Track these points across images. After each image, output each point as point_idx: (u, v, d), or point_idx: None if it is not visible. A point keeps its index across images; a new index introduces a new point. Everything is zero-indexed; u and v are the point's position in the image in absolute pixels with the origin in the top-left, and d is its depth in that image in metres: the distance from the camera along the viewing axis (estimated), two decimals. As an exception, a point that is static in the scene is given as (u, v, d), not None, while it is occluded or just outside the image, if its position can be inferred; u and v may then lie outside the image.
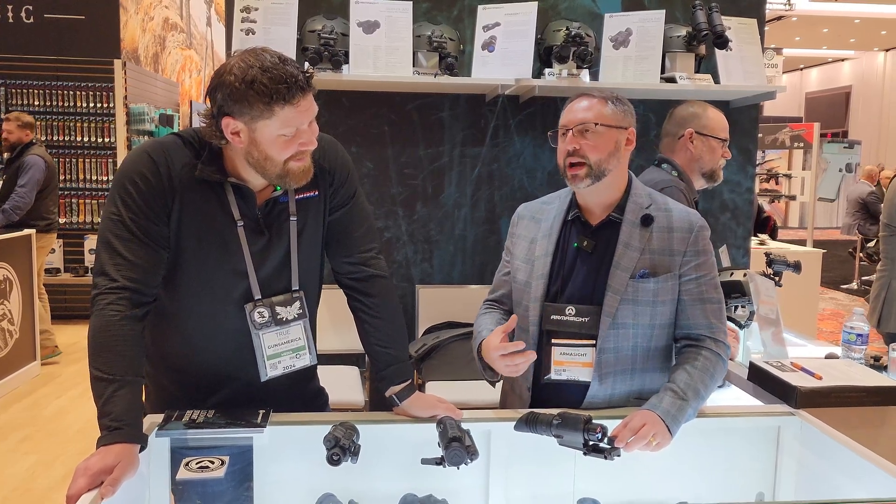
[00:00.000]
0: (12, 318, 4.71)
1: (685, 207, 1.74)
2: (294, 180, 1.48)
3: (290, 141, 1.43)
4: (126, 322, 1.42)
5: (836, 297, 8.58)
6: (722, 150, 2.25)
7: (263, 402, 1.60)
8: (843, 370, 1.89)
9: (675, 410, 1.53)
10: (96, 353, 1.40)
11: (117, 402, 1.36)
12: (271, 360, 1.57)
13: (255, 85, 1.36)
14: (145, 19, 7.62)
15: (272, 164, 1.44)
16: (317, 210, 1.61)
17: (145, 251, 1.46)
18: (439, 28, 2.84)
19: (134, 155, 1.49)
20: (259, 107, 1.38)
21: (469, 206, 3.10)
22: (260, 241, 1.54)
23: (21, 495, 3.22)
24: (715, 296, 1.68)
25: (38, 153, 5.11)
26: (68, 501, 1.26)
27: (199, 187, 1.49)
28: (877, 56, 18.05)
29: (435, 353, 2.82)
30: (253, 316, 1.55)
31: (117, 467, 1.29)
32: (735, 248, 3.16)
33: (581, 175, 1.64)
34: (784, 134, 9.37)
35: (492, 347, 1.58)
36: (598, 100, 1.67)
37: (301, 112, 1.41)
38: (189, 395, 1.61)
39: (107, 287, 1.43)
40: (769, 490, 1.68)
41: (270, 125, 1.40)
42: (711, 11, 2.83)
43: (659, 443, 1.47)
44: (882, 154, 16.96)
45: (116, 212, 1.45)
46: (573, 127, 1.66)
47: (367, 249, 1.69)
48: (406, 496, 1.52)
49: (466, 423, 1.52)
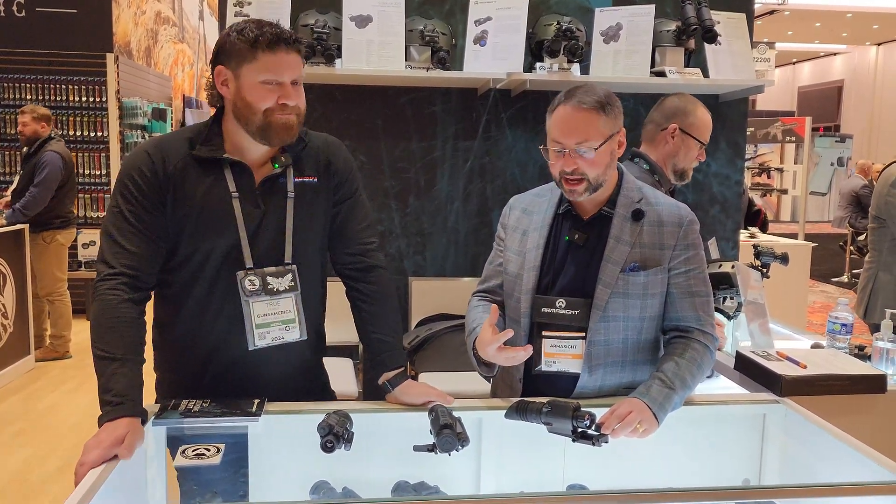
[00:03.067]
0: (6, 312, 4.71)
1: (675, 202, 1.75)
2: (276, 135, 1.55)
3: (271, 90, 1.52)
4: (125, 305, 1.51)
5: (827, 290, 8.65)
6: (698, 153, 2.25)
7: (265, 387, 1.64)
8: (828, 359, 1.93)
9: (662, 398, 1.55)
10: (98, 334, 1.49)
11: (119, 380, 1.44)
12: (260, 330, 1.61)
13: (245, 32, 1.51)
14: (137, 13, 7.60)
15: (252, 113, 1.53)
16: (315, 196, 1.67)
17: (142, 241, 1.55)
18: (431, 22, 2.86)
19: (134, 153, 1.60)
20: (244, 51, 1.51)
21: (461, 199, 3.12)
22: (255, 214, 1.60)
23: (16, 488, 3.24)
24: (703, 289, 1.70)
25: (55, 149, 4.94)
26: (81, 468, 1.31)
27: (197, 170, 1.58)
28: (869, 50, 18.12)
29: (428, 345, 2.85)
30: (244, 283, 1.59)
31: (128, 435, 1.37)
32: (724, 240, 3.19)
33: (580, 190, 1.64)
34: (776, 128, 9.41)
35: (486, 343, 1.59)
36: (591, 112, 1.60)
37: (281, 63, 1.52)
38: (193, 374, 1.65)
39: (106, 273, 1.53)
40: (754, 475, 1.72)
41: (252, 70, 1.51)
42: (700, 6, 2.86)
43: (645, 430, 1.50)
44: (873, 148, 17.04)
45: (116, 206, 1.56)
46: (569, 149, 1.61)
47: (367, 242, 1.75)
48: (399, 482, 1.54)
49: (458, 411, 1.54)
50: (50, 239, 5.02)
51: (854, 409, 1.72)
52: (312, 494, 1.51)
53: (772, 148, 9.51)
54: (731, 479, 1.72)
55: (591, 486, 1.56)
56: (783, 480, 1.69)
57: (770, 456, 1.71)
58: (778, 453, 1.70)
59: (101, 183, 6.46)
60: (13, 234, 4.79)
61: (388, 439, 1.62)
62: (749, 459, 1.72)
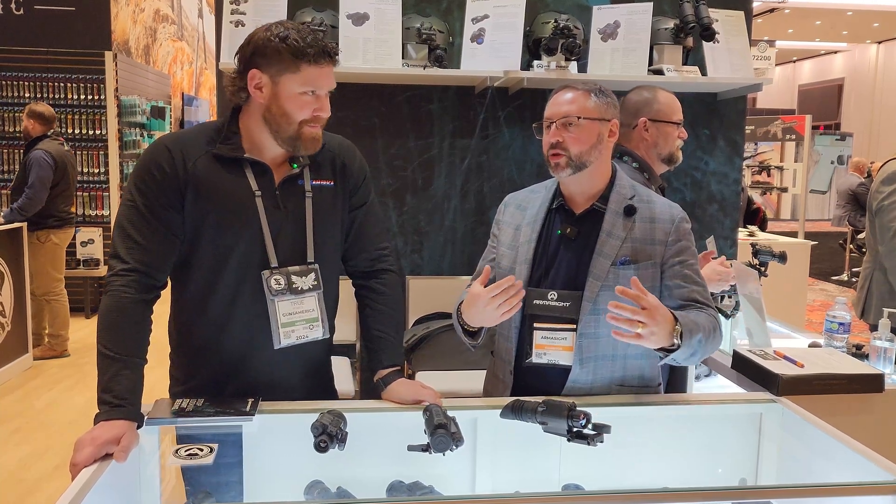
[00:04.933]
0: (4, 311, 4.71)
1: (667, 200, 1.78)
2: (304, 145, 1.57)
3: (308, 102, 1.53)
4: (136, 305, 1.51)
5: (827, 289, 8.64)
6: (678, 132, 2.23)
7: (278, 385, 1.64)
8: (825, 358, 1.93)
9: (689, 329, 1.54)
10: (105, 330, 1.49)
11: (121, 381, 1.43)
12: (285, 329, 1.61)
13: (289, 41, 1.50)
14: (136, 11, 7.59)
15: (287, 123, 1.54)
16: (333, 199, 1.68)
17: (157, 236, 1.54)
18: (428, 20, 2.85)
19: (152, 147, 1.59)
20: (288, 61, 1.50)
21: (458, 197, 3.11)
22: (276, 215, 1.60)
23: (12, 486, 3.24)
24: (699, 280, 1.72)
25: (44, 148, 4.88)
26: (74, 468, 1.30)
27: (217, 168, 1.57)
28: (869, 48, 18.10)
29: (425, 344, 2.84)
30: (270, 283, 1.59)
31: (124, 437, 1.36)
32: (722, 238, 3.18)
33: (562, 164, 1.67)
34: (776, 126, 9.40)
35: (479, 295, 1.57)
36: (582, 92, 1.70)
37: (323, 76, 1.54)
38: (215, 373, 1.64)
39: (119, 269, 1.52)
40: (751, 475, 1.71)
41: (294, 80, 1.51)
42: (698, 4, 2.85)
43: (644, 336, 1.48)
44: (874, 146, 17.03)
45: (132, 199, 1.55)
46: (556, 120, 1.69)
47: (382, 247, 1.79)
48: (393, 482, 1.54)
49: (453, 411, 1.54)
50: (45, 238, 4.99)
51: (851, 408, 1.72)
52: (307, 494, 1.50)
53: (772, 146, 9.50)
54: (727, 478, 1.72)
55: (586, 486, 1.56)
56: (780, 480, 1.69)
57: (767, 456, 1.70)
58: (775, 453, 1.70)
59: (100, 181, 6.45)
60: (11, 232, 4.78)
61: (382, 439, 1.62)
62: (746, 459, 1.72)
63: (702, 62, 2.97)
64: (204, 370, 1.66)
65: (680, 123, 2.23)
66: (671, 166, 2.26)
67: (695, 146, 3.18)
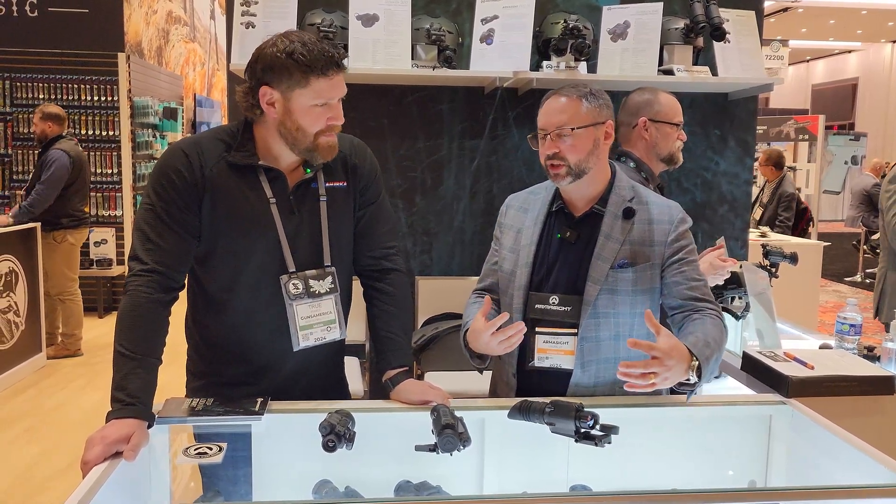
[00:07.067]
0: (18, 310, 4.75)
1: (666, 200, 1.77)
2: (322, 154, 1.58)
3: (321, 113, 1.54)
4: (154, 305, 1.53)
5: (840, 290, 8.57)
6: (677, 134, 2.23)
7: (295, 385, 1.68)
8: (836, 360, 1.91)
9: (705, 357, 1.52)
10: (123, 330, 1.51)
11: (134, 381, 1.45)
12: (304, 331, 1.64)
13: (296, 55, 1.50)
14: (149, 12, 7.64)
15: (303, 136, 1.55)
16: (346, 199, 1.69)
17: (175, 238, 1.56)
18: (438, 21, 2.85)
19: (170, 151, 1.61)
20: (297, 76, 1.50)
21: (468, 198, 3.12)
22: (292, 220, 1.62)
23: (23, 484, 3.27)
24: (700, 278, 1.71)
25: (63, 147, 4.93)
26: (84, 466, 1.32)
27: (233, 175, 1.59)
28: (884, 48, 17.94)
29: (433, 344, 2.84)
30: (288, 287, 1.61)
31: (134, 435, 1.38)
32: (733, 239, 3.17)
33: (562, 174, 1.67)
34: (789, 126, 9.35)
35: (481, 330, 1.60)
36: (573, 98, 1.68)
37: (333, 86, 1.54)
38: (232, 374, 1.67)
39: (138, 269, 1.54)
40: (761, 477, 1.70)
41: (305, 94, 1.52)
42: (709, 3, 2.84)
43: (658, 384, 1.46)
44: (888, 146, 16.88)
45: (150, 203, 1.57)
46: (551, 131, 1.68)
47: (389, 246, 1.79)
48: (401, 482, 1.54)
49: (461, 411, 1.54)
50: (60, 238, 5.04)
51: (862, 410, 1.70)
52: (315, 494, 1.51)
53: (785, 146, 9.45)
54: (737, 480, 1.71)
55: (594, 487, 1.56)
56: (790, 482, 1.68)
57: (776, 458, 1.69)
58: (784, 455, 1.69)
59: (113, 182, 6.50)
60: (25, 232, 4.83)
61: (390, 439, 1.62)
62: (755, 461, 1.71)
63: (712, 62, 2.96)
64: (222, 369, 1.68)
65: (680, 125, 2.23)
66: (671, 167, 2.26)
67: (705, 146, 3.16)
